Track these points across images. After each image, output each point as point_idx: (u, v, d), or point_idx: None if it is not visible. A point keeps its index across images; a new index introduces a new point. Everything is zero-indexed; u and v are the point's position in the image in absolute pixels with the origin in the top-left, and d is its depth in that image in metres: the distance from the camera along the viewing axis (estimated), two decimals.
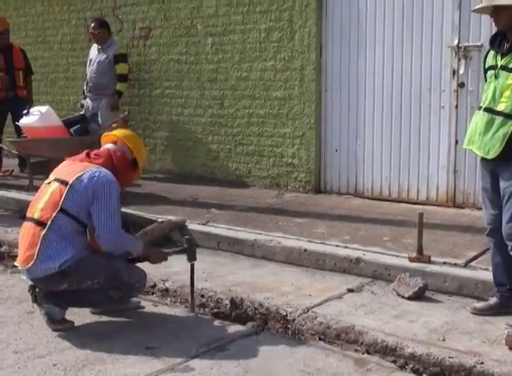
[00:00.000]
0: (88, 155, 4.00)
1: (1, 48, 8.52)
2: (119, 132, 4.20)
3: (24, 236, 3.80)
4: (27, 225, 3.80)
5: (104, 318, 4.00)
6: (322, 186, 7.18)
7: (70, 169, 3.89)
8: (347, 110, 6.89)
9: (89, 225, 3.75)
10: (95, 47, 8.26)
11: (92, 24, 8.13)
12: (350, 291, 4.40)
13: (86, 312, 4.01)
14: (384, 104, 6.63)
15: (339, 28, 6.83)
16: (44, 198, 3.81)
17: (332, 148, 7.05)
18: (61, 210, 3.70)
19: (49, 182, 3.87)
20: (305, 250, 5.02)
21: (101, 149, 4.07)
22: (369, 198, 6.80)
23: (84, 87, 8.35)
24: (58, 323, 3.78)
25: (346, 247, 5.00)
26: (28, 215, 3.83)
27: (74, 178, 3.77)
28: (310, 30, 6.94)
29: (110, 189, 3.75)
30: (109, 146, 4.05)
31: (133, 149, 4.06)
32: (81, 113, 7.50)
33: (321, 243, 5.13)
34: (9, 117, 8.64)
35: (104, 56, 8.05)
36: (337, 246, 5.03)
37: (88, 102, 8.20)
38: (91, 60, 8.18)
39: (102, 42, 8.08)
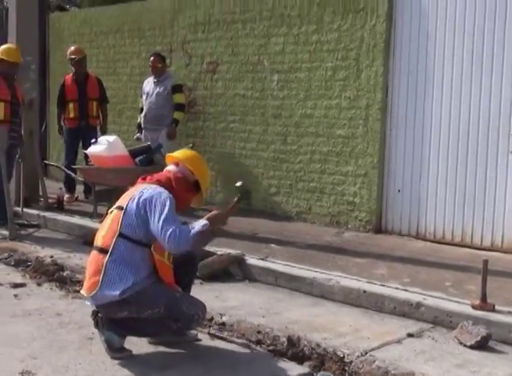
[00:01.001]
0: (144, 178, 4.03)
1: (76, 78, 8.82)
2: (181, 154, 4.15)
3: (89, 264, 3.88)
4: (93, 254, 3.89)
5: (161, 349, 4.01)
6: (382, 226, 7.10)
7: (127, 194, 3.94)
8: (412, 151, 6.83)
9: (154, 243, 3.76)
10: (150, 80, 8.51)
11: (154, 58, 8.39)
12: (410, 335, 4.30)
13: (144, 342, 4.04)
14: (450, 145, 6.55)
15: (406, 68, 6.82)
16: (105, 226, 3.89)
17: (394, 188, 6.99)
18: (120, 235, 3.75)
19: (111, 211, 3.95)
20: (364, 291, 4.95)
21: (162, 172, 4.08)
22: (430, 241, 6.67)
23: (142, 120, 8.56)
24: (117, 352, 3.81)
25: (406, 290, 4.91)
26: (94, 243, 3.92)
27: (128, 201, 3.83)
28: (377, 69, 6.95)
29: (160, 198, 3.72)
30: (171, 167, 4.05)
31: (195, 171, 3.99)
32: (148, 143, 7.65)
33: (381, 284, 5.05)
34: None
35: (162, 87, 8.30)
36: (396, 288, 4.94)
37: (146, 133, 8.41)
38: (148, 93, 8.41)
39: (160, 75, 8.33)
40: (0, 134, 6.88)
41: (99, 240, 3.86)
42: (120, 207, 3.85)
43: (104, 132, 8.81)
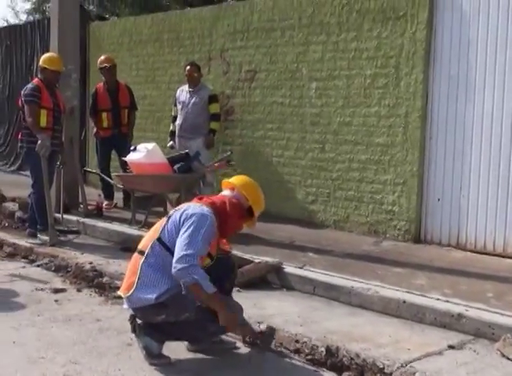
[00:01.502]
0: (200, 199, 4.08)
1: (108, 87, 8.93)
2: (237, 180, 4.19)
3: (129, 265, 3.97)
4: (133, 256, 3.98)
5: (200, 356, 4.01)
6: (422, 236, 7.01)
7: (178, 207, 4.04)
8: (452, 159, 6.74)
9: None
10: (184, 89, 8.56)
11: (190, 67, 8.44)
12: (451, 347, 4.22)
13: (182, 349, 4.05)
14: (492, 153, 6.44)
15: (446, 75, 6.74)
16: (150, 231, 4.01)
17: (434, 197, 6.89)
18: (158, 239, 3.83)
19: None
20: (404, 301, 4.87)
21: (218, 195, 4.14)
22: (471, 251, 6.56)
23: (177, 128, 8.62)
24: (155, 358, 3.83)
25: (447, 301, 4.82)
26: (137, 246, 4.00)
27: (175, 211, 3.94)
28: (417, 77, 6.88)
29: (202, 220, 3.75)
30: (226, 192, 4.11)
31: (249, 197, 4.04)
32: (186, 151, 7.69)
33: (421, 295, 4.97)
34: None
35: (198, 97, 8.36)
36: (437, 299, 4.86)
37: (181, 142, 8.46)
38: (183, 103, 8.46)
39: (195, 84, 8.38)
40: (42, 141, 6.97)
41: (141, 243, 3.97)
42: (167, 215, 3.96)
43: (130, 140, 8.89)
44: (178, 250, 3.68)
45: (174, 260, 3.66)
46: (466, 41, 6.57)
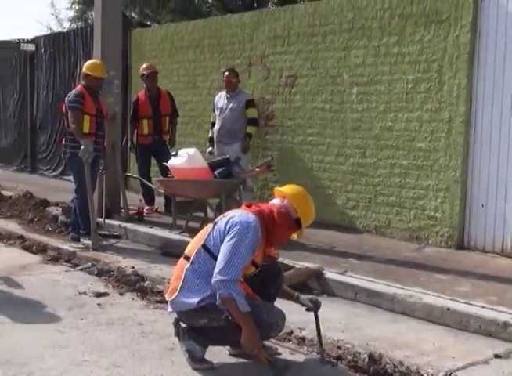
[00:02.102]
0: (248, 206, 4.04)
1: (150, 95, 9.01)
2: (288, 189, 4.09)
3: (175, 270, 4.00)
4: (180, 261, 4.00)
5: (241, 360, 4.00)
6: (465, 242, 6.90)
7: (225, 213, 4.05)
8: (497, 164, 6.62)
9: None
10: (222, 95, 8.61)
11: (228, 73, 8.49)
12: (497, 356, 4.14)
13: (224, 354, 4.05)
14: None
15: (491, 80, 6.63)
16: (196, 237, 4.02)
17: (478, 203, 6.78)
18: (203, 246, 3.84)
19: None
20: (448, 309, 4.80)
21: (268, 203, 4.08)
22: None
23: (214, 134, 8.65)
24: (198, 362, 3.83)
25: (492, 309, 4.74)
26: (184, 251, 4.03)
27: (221, 218, 3.93)
28: (460, 81, 6.78)
29: (247, 231, 3.72)
30: (276, 201, 4.03)
31: (298, 208, 3.94)
32: (227, 156, 7.71)
33: (465, 302, 4.89)
34: None
35: (236, 103, 8.40)
36: (482, 307, 4.78)
37: (219, 147, 8.49)
38: (221, 108, 8.50)
39: (233, 90, 8.42)
40: (85, 146, 7.06)
41: (187, 248, 3.99)
42: (214, 222, 3.97)
43: (172, 146, 8.96)
44: (220, 260, 3.67)
45: (215, 270, 3.66)
46: None
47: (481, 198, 6.75)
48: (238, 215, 3.87)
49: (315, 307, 4.13)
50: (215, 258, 3.76)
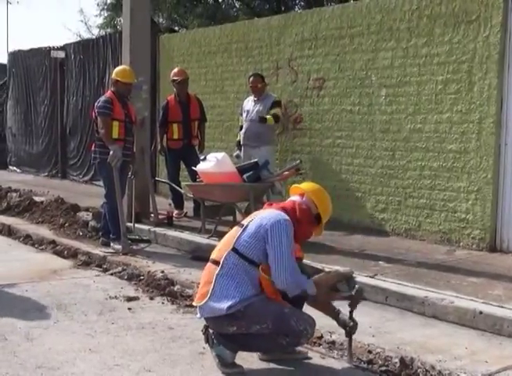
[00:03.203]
0: (270, 205, 4.10)
1: (180, 100, 9.06)
2: (307, 186, 4.18)
3: (203, 275, 3.98)
4: (207, 266, 3.97)
5: (272, 365, 3.99)
6: (497, 245, 6.80)
7: (251, 215, 4.07)
8: None
9: (263, 264, 3.79)
10: (250, 99, 8.61)
11: (253, 78, 8.49)
12: None
13: (255, 359, 4.03)
14: None
15: None
16: (223, 241, 4.01)
17: (510, 205, 6.69)
18: (233, 249, 3.82)
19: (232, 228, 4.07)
20: (481, 312, 4.73)
21: (287, 201, 4.14)
22: None
23: (240, 137, 8.65)
24: (228, 367, 3.82)
25: None
26: (211, 256, 4.01)
27: (249, 220, 3.93)
28: (490, 82, 6.70)
29: (281, 229, 3.77)
30: (296, 198, 4.09)
31: (318, 204, 4.02)
32: (255, 160, 7.71)
33: (498, 306, 4.82)
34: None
35: (262, 105, 8.37)
36: None
37: (246, 150, 8.48)
38: (248, 111, 8.49)
39: (259, 94, 8.40)
40: (115, 152, 7.12)
41: (214, 253, 3.97)
42: (241, 225, 3.96)
43: (202, 151, 8.99)
44: (275, 268, 3.73)
45: (273, 277, 3.74)
46: None
47: None
48: (267, 215, 3.87)
49: (353, 326, 4.09)
50: (248, 260, 3.78)
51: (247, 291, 3.77)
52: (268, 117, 8.28)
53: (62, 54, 14.34)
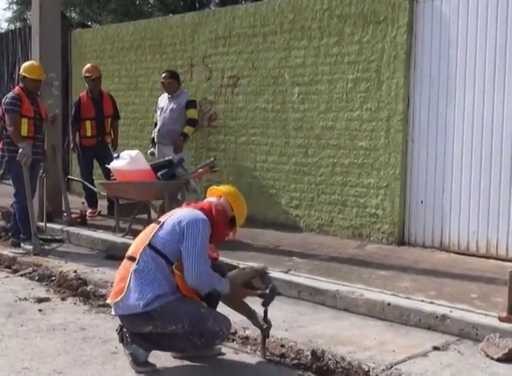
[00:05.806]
0: (188, 205, 4.12)
1: (92, 96, 8.90)
2: (225, 188, 4.24)
3: (118, 272, 3.95)
4: (123, 262, 3.95)
5: (186, 362, 4.00)
6: (406, 238, 7.05)
7: (167, 213, 4.08)
8: (434, 161, 6.79)
9: (177, 262, 3.80)
10: (164, 96, 8.56)
11: (164, 74, 8.44)
12: (435, 348, 4.25)
13: (168, 356, 4.03)
14: (473, 155, 6.50)
15: (427, 78, 6.79)
16: (139, 237, 3.99)
17: (417, 200, 6.93)
18: (149, 245, 3.82)
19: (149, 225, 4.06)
20: (389, 304, 4.90)
21: (204, 201, 4.17)
22: (455, 253, 6.61)
23: (154, 135, 8.59)
24: (141, 366, 3.80)
25: (432, 302, 4.85)
26: (126, 253, 3.99)
27: (166, 217, 3.94)
28: (398, 81, 6.93)
29: (197, 228, 3.79)
30: (213, 199, 4.13)
31: (234, 206, 4.09)
32: (170, 157, 7.67)
33: (405, 297, 5.00)
34: None
35: (176, 103, 8.31)
36: (422, 301, 4.89)
37: (160, 148, 8.43)
38: (162, 109, 8.45)
39: (172, 91, 8.37)
40: (24, 150, 6.93)
41: (130, 250, 3.96)
42: (158, 222, 3.97)
43: (115, 149, 8.87)
44: (187, 265, 3.73)
45: (185, 274, 3.73)
46: (447, 44, 6.63)
47: (420, 195, 6.91)
48: (185, 214, 3.89)
49: (267, 328, 4.13)
50: (163, 256, 3.78)
51: (163, 287, 3.76)
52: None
53: None
